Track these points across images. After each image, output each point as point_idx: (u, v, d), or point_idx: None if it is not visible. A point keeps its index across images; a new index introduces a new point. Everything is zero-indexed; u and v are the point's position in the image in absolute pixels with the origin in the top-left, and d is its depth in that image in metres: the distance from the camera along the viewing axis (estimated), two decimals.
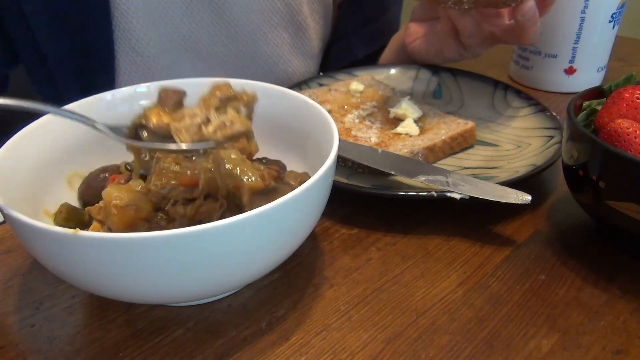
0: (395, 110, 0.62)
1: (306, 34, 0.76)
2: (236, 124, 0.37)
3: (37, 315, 0.40)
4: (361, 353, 0.37)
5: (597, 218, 0.46)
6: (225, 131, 0.37)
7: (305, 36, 0.76)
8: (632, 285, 0.42)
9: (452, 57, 0.69)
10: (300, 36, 0.75)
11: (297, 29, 0.74)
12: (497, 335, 0.38)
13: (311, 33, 0.77)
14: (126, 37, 0.65)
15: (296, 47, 0.76)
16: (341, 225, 0.49)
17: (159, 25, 0.66)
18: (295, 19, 0.73)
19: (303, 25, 0.75)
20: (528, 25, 0.58)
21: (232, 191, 0.37)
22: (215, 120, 0.37)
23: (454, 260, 0.45)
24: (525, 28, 0.59)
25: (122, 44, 0.66)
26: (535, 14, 0.58)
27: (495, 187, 0.46)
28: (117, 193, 0.38)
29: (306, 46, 0.77)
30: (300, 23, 0.74)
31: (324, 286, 0.42)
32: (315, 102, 0.46)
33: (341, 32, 0.82)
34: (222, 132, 0.37)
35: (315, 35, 0.78)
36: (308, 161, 0.47)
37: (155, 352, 0.37)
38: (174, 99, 0.38)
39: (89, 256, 0.32)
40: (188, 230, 0.31)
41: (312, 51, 0.78)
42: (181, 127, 0.36)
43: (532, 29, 0.59)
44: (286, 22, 0.73)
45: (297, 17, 0.73)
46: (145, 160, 0.39)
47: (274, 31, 0.73)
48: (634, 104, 0.42)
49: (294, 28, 0.74)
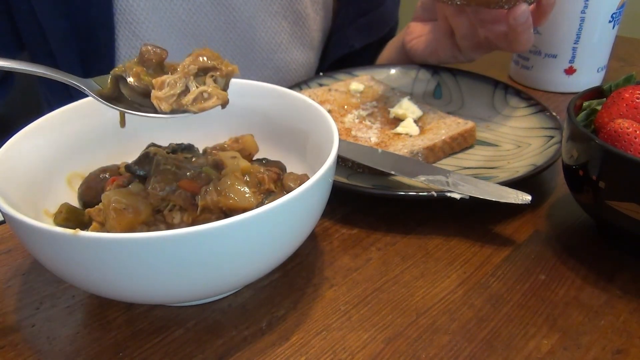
0: (395, 110, 0.62)
1: (305, 23, 0.76)
2: (213, 97, 0.38)
3: (37, 315, 0.40)
4: (361, 353, 0.37)
5: (597, 218, 0.46)
6: (202, 104, 0.37)
7: (304, 25, 0.76)
8: (632, 285, 0.42)
9: (445, 58, 0.69)
10: (300, 25, 0.76)
11: (297, 17, 0.75)
12: (497, 335, 0.38)
13: (311, 23, 0.77)
14: (126, 20, 0.65)
15: (295, 36, 0.76)
16: (341, 225, 0.49)
17: (159, 9, 0.67)
18: (294, 8, 0.74)
19: (302, 15, 0.75)
20: (520, 31, 0.58)
21: (227, 212, 0.39)
22: (193, 91, 0.37)
23: (454, 260, 0.45)
24: (518, 33, 0.59)
25: (122, 28, 0.66)
26: (528, 20, 0.58)
27: (495, 187, 0.46)
28: (116, 196, 0.38)
29: (306, 36, 0.77)
30: (300, 12, 0.74)
31: (324, 286, 0.42)
32: (315, 102, 0.46)
33: (338, 23, 0.82)
34: (197, 104, 0.37)
35: (315, 26, 0.78)
36: (308, 161, 0.47)
37: (155, 352, 0.37)
38: (156, 59, 0.38)
39: (89, 256, 0.32)
40: (188, 231, 0.31)
41: (312, 42, 0.78)
42: (162, 95, 0.37)
43: (524, 35, 0.59)
44: (285, 10, 0.74)
45: (296, 5, 0.74)
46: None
47: (272, 19, 0.73)
48: (634, 104, 0.42)
49: (293, 17, 0.75)
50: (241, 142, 0.47)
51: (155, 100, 0.37)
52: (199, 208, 0.39)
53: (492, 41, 0.63)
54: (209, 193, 0.39)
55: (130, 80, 0.38)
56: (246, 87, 0.50)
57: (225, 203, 0.38)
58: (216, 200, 0.38)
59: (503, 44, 0.62)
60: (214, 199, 0.38)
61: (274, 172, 0.43)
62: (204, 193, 0.39)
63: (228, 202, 0.38)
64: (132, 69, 0.38)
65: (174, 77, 0.37)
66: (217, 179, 0.40)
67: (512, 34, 0.59)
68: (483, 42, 0.64)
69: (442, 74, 0.71)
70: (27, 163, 0.42)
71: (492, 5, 0.56)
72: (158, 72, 0.38)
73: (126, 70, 0.38)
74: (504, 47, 0.63)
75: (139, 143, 0.47)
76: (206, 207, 0.39)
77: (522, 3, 0.56)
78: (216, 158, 0.43)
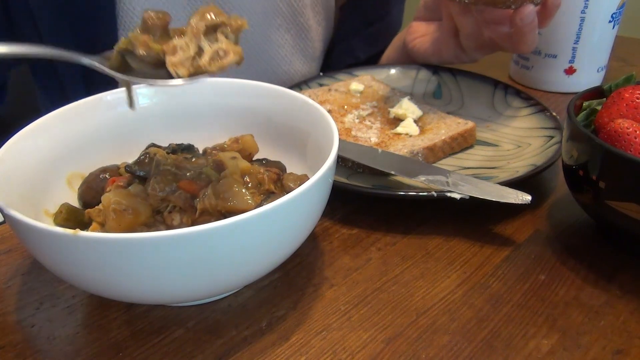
0: (395, 110, 0.62)
1: (308, 35, 0.76)
2: (229, 53, 0.36)
3: (37, 315, 0.40)
4: (361, 353, 0.37)
5: (597, 218, 0.46)
6: (220, 62, 0.36)
7: (307, 38, 0.76)
8: (632, 285, 0.42)
9: (449, 58, 0.69)
10: (302, 37, 0.76)
11: (300, 30, 0.75)
12: (497, 335, 0.38)
13: (313, 35, 0.77)
14: None
15: (298, 49, 0.76)
16: (341, 225, 0.49)
17: None
18: (297, 21, 0.74)
19: (305, 27, 0.75)
20: (526, 31, 0.58)
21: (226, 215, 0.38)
22: (208, 50, 0.36)
23: (454, 260, 0.45)
24: (523, 34, 0.59)
25: None
26: (534, 21, 0.58)
27: (495, 187, 0.46)
28: (116, 198, 0.38)
29: (308, 48, 0.77)
30: (302, 25, 0.74)
31: (324, 286, 0.42)
32: (315, 102, 0.46)
33: (343, 33, 0.82)
34: (215, 63, 0.36)
35: (317, 37, 0.78)
36: (308, 161, 0.47)
37: (155, 352, 0.37)
38: (160, 24, 0.36)
39: (88, 256, 0.32)
40: (188, 231, 0.31)
41: (314, 53, 0.78)
42: (177, 60, 0.35)
43: (530, 36, 0.59)
44: (288, 24, 0.73)
45: (299, 18, 0.74)
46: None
47: (276, 32, 0.73)
48: (634, 104, 0.42)
49: (296, 30, 0.74)
50: (241, 142, 0.47)
51: (172, 67, 0.35)
52: (197, 211, 0.39)
53: (496, 42, 0.63)
54: (207, 197, 0.38)
55: (140, 52, 0.35)
56: (246, 87, 0.50)
57: (223, 206, 0.38)
58: (214, 204, 0.38)
59: (507, 44, 0.62)
60: (212, 202, 0.38)
61: (273, 172, 0.43)
62: (202, 196, 0.39)
63: (226, 205, 0.38)
64: (138, 38, 0.35)
65: (185, 40, 0.35)
66: (216, 182, 0.39)
67: (517, 34, 0.59)
68: (487, 42, 0.64)
69: (442, 74, 0.71)
70: (27, 163, 0.42)
71: (499, 4, 0.56)
72: (165, 39, 0.36)
73: (131, 41, 0.36)
74: (508, 48, 0.63)
75: (139, 143, 0.47)
76: (205, 210, 0.38)
77: (529, 4, 0.56)
78: (216, 159, 0.43)
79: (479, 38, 0.64)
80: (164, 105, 0.50)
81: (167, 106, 0.50)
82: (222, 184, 0.39)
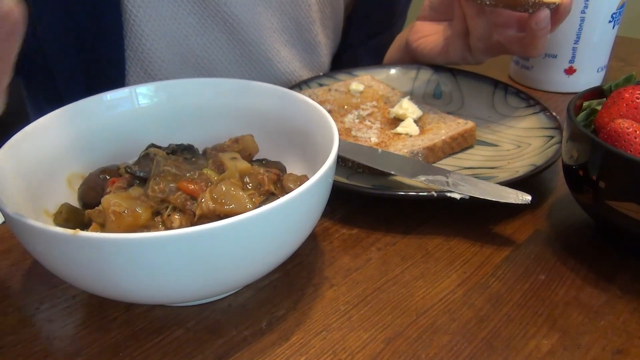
0: (395, 110, 0.62)
1: (316, 50, 0.76)
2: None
3: (37, 315, 0.40)
4: (361, 353, 0.37)
5: (597, 218, 0.46)
6: None
7: (315, 52, 0.76)
8: (632, 285, 0.42)
9: (455, 58, 0.69)
10: (310, 52, 0.76)
11: (307, 46, 0.75)
12: (497, 335, 0.38)
13: (322, 49, 0.77)
14: (138, 57, 0.64)
15: (306, 63, 0.76)
16: (341, 225, 0.49)
17: (173, 45, 0.65)
18: (304, 37, 0.74)
19: (313, 43, 0.75)
20: (539, 35, 0.58)
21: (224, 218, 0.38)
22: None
23: (454, 260, 0.45)
24: (535, 38, 0.58)
25: (134, 65, 0.65)
26: (548, 25, 0.58)
27: (495, 187, 0.46)
28: (115, 200, 0.38)
29: (316, 62, 0.77)
30: (310, 40, 0.75)
31: (324, 286, 0.42)
32: (315, 102, 0.46)
33: (347, 43, 0.82)
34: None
35: (326, 52, 0.79)
36: (308, 161, 0.47)
37: (155, 352, 0.37)
38: None
39: (88, 256, 0.32)
40: (188, 231, 0.31)
41: (322, 67, 0.79)
42: None
43: (541, 40, 0.59)
44: (295, 39, 0.74)
45: (306, 34, 0.74)
46: None
47: (285, 48, 0.73)
48: (634, 104, 0.42)
49: (303, 45, 0.75)
50: (241, 143, 0.47)
51: None
52: (196, 216, 0.39)
53: (505, 45, 0.63)
54: (204, 201, 0.38)
55: None
56: (246, 87, 0.50)
57: (221, 210, 0.38)
58: (212, 209, 0.38)
59: (515, 48, 0.62)
60: (210, 207, 0.38)
61: (273, 173, 0.43)
62: (200, 201, 0.39)
63: (224, 209, 0.38)
64: None
65: None
66: (214, 185, 0.39)
67: (529, 38, 0.59)
68: (495, 45, 0.64)
69: (442, 74, 0.71)
70: (27, 163, 0.42)
71: (518, 7, 0.56)
72: None
73: None
74: (516, 51, 0.62)
75: (139, 143, 0.47)
76: (203, 215, 0.38)
77: (545, 8, 0.56)
78: (216, 159, 0.43)
79: (489, 40, 0.64)
80: (164, 105, 0.50)
81: (167, 106, 0.50)
82: (218, 188, 0.39)
